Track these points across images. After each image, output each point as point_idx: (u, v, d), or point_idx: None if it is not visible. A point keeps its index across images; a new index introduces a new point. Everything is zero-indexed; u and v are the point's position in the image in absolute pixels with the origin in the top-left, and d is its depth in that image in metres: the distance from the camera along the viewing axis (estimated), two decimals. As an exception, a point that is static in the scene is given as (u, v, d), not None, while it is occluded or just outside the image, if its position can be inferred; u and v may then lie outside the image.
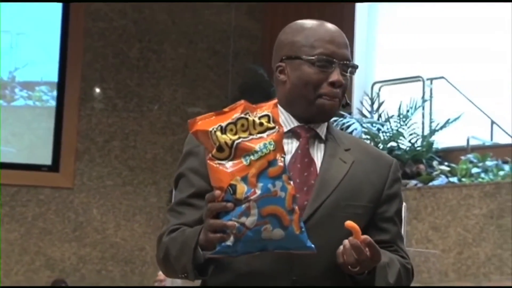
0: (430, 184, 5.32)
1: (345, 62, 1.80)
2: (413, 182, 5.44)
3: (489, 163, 5.37)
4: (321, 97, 1.78)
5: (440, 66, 6.45)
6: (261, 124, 1.58)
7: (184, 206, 1.79)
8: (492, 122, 6.25)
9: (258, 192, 1.53)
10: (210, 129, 1.57)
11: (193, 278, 1.70)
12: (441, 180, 5.33)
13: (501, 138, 6.15)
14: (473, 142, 5.92)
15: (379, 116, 6.22)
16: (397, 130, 5.96)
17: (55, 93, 6.80)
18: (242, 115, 1.59)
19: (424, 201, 5.13)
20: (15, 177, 6.56)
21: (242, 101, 1.60)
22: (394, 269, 1.76)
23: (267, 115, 1.59)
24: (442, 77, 6.31)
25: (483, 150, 5.66)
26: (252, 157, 1.55)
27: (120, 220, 6.69)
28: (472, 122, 6.06)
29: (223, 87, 6.82)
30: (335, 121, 5.73)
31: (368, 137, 5.76)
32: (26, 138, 6.76)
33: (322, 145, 1.83)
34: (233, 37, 7.06)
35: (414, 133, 5.99)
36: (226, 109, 1.59)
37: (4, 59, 6.71)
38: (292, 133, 1.81)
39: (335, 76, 1.79)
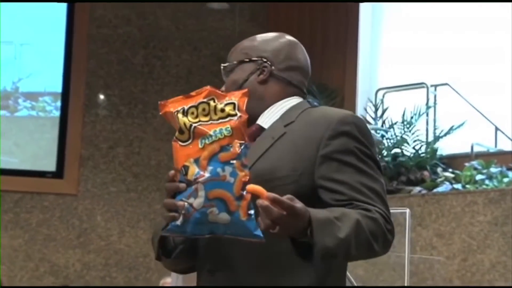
0: (435, 190, 5.31)
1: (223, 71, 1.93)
2: (418, 188, 5.43)
3: (493, 169, 5.36)
4: None
5: (444, 71, 6.44)
6: (222, 110, 1.61)
7: None
8: (496, 129, 6.24)
9: (207, 175, 1.56)
10: (174, 110, 1.63)
11: (161, 258, 1.80)
12: (445, 187, 5.32)
13: (505, 145, 6.14)
14: (477, 149, 5.92)
15: (383, 122, 6.22)
16: (401, 136, 5.95)
17: (58, 103, 6.80)
18: (205, 100, 1.63)
19: (429, 207, 5.12)
20: (19, 184, 6.56)
21: (208, 87, 1.65)
22: (348, 222, 1.61)
23: (233, 103, 1.62)
24: (446, 84, 6.31)
25: (487, 157, 5.66)
26: (206, 141, 1.59)
27: (124, 226, 6.69)
28: (476, 129, 6.05)
29: (227, 93, 6.82)
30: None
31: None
32: (29, 149, 6.77)
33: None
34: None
35: (418, 139, 5.98)
36: (193, 93, 1.65)
37: (8, 69, 6.72)
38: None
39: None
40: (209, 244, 1.74)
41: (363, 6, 6.83)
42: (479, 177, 5.31)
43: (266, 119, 1.83)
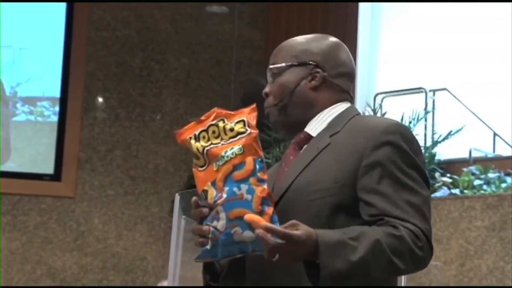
0: (432, 195, 5.31)
1: (269, 71, 1.85)
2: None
3: (491, 175, 5.36)
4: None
5: (443, 75, 6.45)
6: (231, 129, 1.61)
7: None
8: (495, 134, 6.25)
9: (224, 196, 1.57)
10: (188, 137, 1.63)
11: (204, 283, 1.78)
12: (443, 192, 5.32)
13: (503, 150, 6.15)
14: (475, 154, 5.92)
15: (382, 127, 6.21)
16: (399, 141, 5.95)
17: (57, 108, 6.79)
18: (213, 122, 1.63)
19: (426, 212, 5.11)
20: (16, 186, 6.56)
21: (215, 109, 1.65)
22: (365, 243, 1.55)
23: (243, 120, 1.62)
24: (445, 89, 6.32)
25: (485, 162, 5.66)
26: (219, 163, 1.59)
27: (121, 229, 6.69)
28: (474, 134, 6.05)
29: (226, 97, 6.83)
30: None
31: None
32: (27, 153, 6.76)
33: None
34: (235, 47, 7.07)
35: (417, 144, 5.97)
36: (203, 117, 1.65)
37: (6, 74, 6.71)
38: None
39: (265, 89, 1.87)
40: (252, 263, 1.73)
41: (362, 8, 6.82)
42: (477, 182, 5.31)
43: (315, 127, 1.81)
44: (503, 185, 5.23)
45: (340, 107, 1.83)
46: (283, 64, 1.84)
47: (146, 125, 6.87)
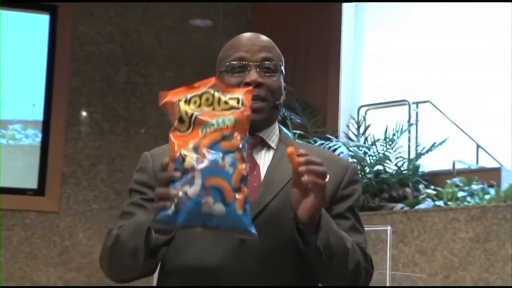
0: (417, 207, 5.33)
1: (262, 63, 1.78)
2: (399, 205, 5.45)
3: (474, 186, 5.39)
4: None
5: (427, 87, 6.49)
6: (226, 102, 1.57)
7: (134, 207, 1.82)
8: (478, 146, 6.29)
9: (206, 162, 1.50)
10: (175, 100, 1.57)
11: (142, 260, 1.65)
12: (427, 204, 5.34)
13: (486, 162, 6.18)
14: (459, 166, 5.95)
15: (366, 139, 6.24)
16: (383, 153, 5.98)
17: (28, 131, 6.73)
18: (209, 90, 1.58)
19: (411, 224, 5.14)
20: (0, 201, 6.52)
21: (213, 78, 1.60)
22: (348, 238, 1.72)
23: (238, 98, 1.58)
24: (428, 101, 6.35)
25: (468, 174, 5.69)
26: (207, 129, 1.54)
27: (106, 244, 6.66)
28: (457, 146, 6.09)
29: (210, 110, 6.83)
30: (321, 144, 5.75)
31: (355, 160, 5.78)
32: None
33: (272, 152, 1.81)
34: (264, 39, 7.07)
35: (400, 156, 6.01)
36: (196, 84, 1.59)
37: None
38: None
39: (250, 76, 1.77)
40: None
41: (345, 16, 6.84)
42: (460, 194, 5.34)
43: (270, 136, 1.83)
44: (487, 196, 5.25)
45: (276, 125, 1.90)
46: (280, 65, 1.84)
47: (130, 139, 6.87)
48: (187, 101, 1.58)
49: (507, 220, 4.77)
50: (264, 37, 1.87)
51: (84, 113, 6.88)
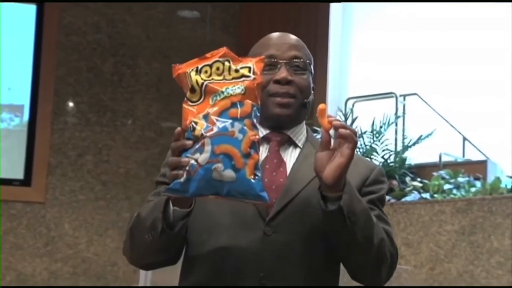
0: (403, 200, 5.34)
1: (292, 61, 1.80)
2: (387, 197, 5.45)
3: (461, 179, 5.41)
4: (272, 98, 1.79)
5: (414, 79, 6.50)
6: (237, 70, 1.57)
7: (156, 196, 1.81)
8: (464, 139, 6.31)
9: (215, 129, 1.51)
10: (188, 70, 1.58)
11: (158, 232, 1.65)
12: (413, 196, 5.35)
13: (473, 155, 6.20)
14: (445, 159, 5.97)
15: (353, 132, 6.23)
16: (370, 146, 5.98)
17: (4, 115, 6.70)
18: (220, 59, 1.59)
19: (397, 216, 5.15)
20: (-14, 191, 6.50)
21: (224, 48, 1.61)
22: (372, 218, 1.72)
23: (249, 67, 1.58)
24: (415, 94, 6.37)
25: (455, 167, 5.71)
26: (217, 98, 1.54)
27: (92, 235, 6.65)
28: (444, 139, 6.11)
29: (197, 102, 6.81)
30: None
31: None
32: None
33: (298, 150, 1.84)
34: (207, 52, 7.05)
35: (387, 149, 6.02)
36: (208, 54, 1.61)
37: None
38: (264, 139, 1.83)
39: (280, 74, 1.79)
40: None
41: (333, 10, 6.85)
42: (447, 186, 5.36)
43: (297, 136, 1.85)
44: (473, 189, 5.27)
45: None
46: (309, 64, 1.86)
47: (117, 130, 6.85)
48: (198, 71, 1.58)
49: (493, 213, 4.79)
50: (293, 36, 1.89)
51: (70, 104, 6.85)
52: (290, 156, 1.83)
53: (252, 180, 1.51)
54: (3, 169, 6.61)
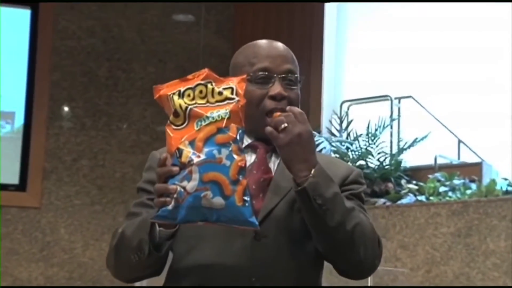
0: (399, 202, 5.35)
1: (285, 75, 1.79)
2: (382, 200, 5.46)
3: (456, 181, 5.41)
4: (267, 115, 1.77)
5: (409, 82, 6.51)
6: (220, 93, 1.56)
7: (141, 207, 1.81)
8: (459, 141, 6.31)
9: (202, 156, 1.50)
10: (170, 93, 1.57)
11: (146, 253, 1.65)
12: (409, 199, 5.36)
13: (468, 157, 6.21)
14: (440, 161, 5.98)
15: (348, 135, 6.25)
16: (365, 149, 5.99)
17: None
18: (202, 82, 1.57)
19: (393, 219, 5.15)
20: (-19, 197, 6.48)
21: (206, 69, 1.60)
22: (348, 203, 1.71)
23: (232, 88, 1.57)
24: (410, 96, 6.37)
25: (450, 169, 5.71)
26: (202, 123, 1.53)
27: (88, 239, 6.64)
28: (439, 141, 6.11)
29: (192, 106, 6.81)
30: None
31: (338, 155, 5.78)
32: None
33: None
34: (202, 56, 7.07)
35: (383, 151, 6.02)
36: (189, 76, 1.59)
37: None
38: (250, 148, 1.83)
39: (275, 89, 1.79)
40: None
41: (327, 11, 6.85)
42: (442, 189, 5.36)
43: None
44: (468, 191, 5.28)
45: None
46: (301, 77, 1.87)
47: (112, 134, 6.84)
48: (181, 95, 1.58)
49: (488, 215, 4.80)
50: (283, 46, 1.89)
51: (65, 108, 6.85)
52: (274, 164, 1.84)
53: (242, 207, 1.51)
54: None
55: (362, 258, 1.73)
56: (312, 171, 1.65)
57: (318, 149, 5.66)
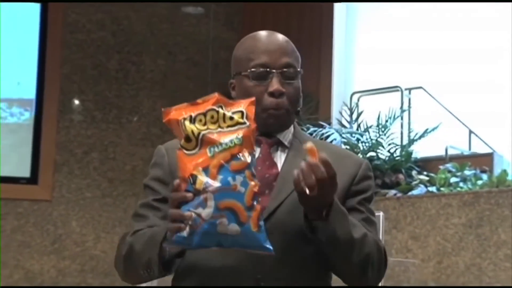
0: (409, 193, 5.34)
1: (284, 70, 1.79)
2: (393, 191, 5.46)
3: (467, 172, 5.40)
4: (266, 111, 1.77)
5: (419, 73, 6.49)
6: (231, 118, 1.57)
7: (147, 209, 1.82)
8: (470, 132, 6.29)
9: (217, 184, 1.51)
10: (180, 118, 1.57)
11: (156, 273, 1.68)
12: (420, 190, 5.35)
13: (479, 148, 6.19)
14: (451, 152, 5.96)
15: (358, 126, 6.24)
16: (376, 140, 5.98)
17: (13, 109, 6.71)
18: (213, 107, 1.58)
19: (404, 210, 5.15)
20: (-7, 190, 6.51)
21: (216, 94, 1.59)
22: (359, 230, 1.72)
23: (241, 111, 1.58)
24: (421, 87, 6.35)
25: (461, 160, 5.70)
26: (216, 149, 1.54)
27: (99, 232, 6.66)
28: (450, 132, 6.10)
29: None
30: (314, 131, 5.75)
31: (348, 147, 5.78)
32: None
33: (286, 150, 1.83)
34: (212, 48, 7.07)
35: (393, 143, 6.01)
36: (199, 100, 1.59)
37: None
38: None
39: (273, 85, 1.78)
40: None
41: (337, 7, 6.85)
42: (453, 179, 5.35)
43: (285, 136, 1.86)
44: (479, 182, 5.27)
45: None
46: (299, 70, 1.86)
47: (123, 127, 6.85)
48: (192, 120, 1.57)
49: (500, 206, 4.79)
50: (282, 37, 1.87)
51: (76, 101, 6.86)
52: (280, 158, 1.84)
53: (257, 233, 1.53)
54: (11, 166, 6.62)
55: (369, 277, 1.77)
56: (329, 216, 1.67)
57: (328, 140, 5.66)
